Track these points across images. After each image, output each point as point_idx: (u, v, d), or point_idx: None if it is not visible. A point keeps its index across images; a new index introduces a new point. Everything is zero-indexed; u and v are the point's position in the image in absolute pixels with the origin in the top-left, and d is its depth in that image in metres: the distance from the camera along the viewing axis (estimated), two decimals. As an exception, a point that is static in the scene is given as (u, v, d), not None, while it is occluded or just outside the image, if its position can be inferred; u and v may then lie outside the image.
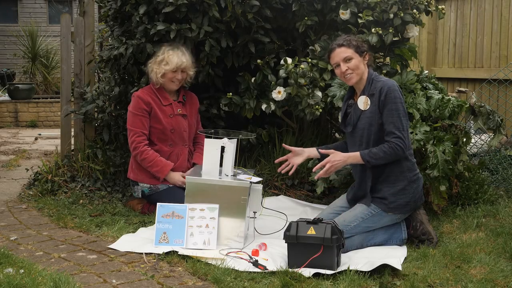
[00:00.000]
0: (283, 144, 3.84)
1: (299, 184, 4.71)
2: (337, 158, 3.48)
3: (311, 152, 3.75)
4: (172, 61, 4.11)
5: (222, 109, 4.66)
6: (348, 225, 3.45)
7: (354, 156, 3.48)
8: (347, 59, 3.53)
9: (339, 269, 3.09)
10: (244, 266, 3.14)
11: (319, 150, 3.72)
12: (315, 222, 3.16)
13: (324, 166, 3.47)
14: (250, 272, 3.07)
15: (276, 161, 3.87)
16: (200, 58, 4.36)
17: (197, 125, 4.38)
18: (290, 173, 3.77)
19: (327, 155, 3.53)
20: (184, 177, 4.02)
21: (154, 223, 3.62)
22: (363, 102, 3.52)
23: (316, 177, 3.60)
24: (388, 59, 4.42)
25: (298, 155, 3.75)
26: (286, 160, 3.80)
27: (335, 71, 3.62)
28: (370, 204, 3.50)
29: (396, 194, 3.48)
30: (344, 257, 3.28)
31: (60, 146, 5.32)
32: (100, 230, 3.81)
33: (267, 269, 3.09)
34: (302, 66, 4.22)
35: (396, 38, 4.33)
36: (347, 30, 4.30)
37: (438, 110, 4.11)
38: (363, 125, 3.51)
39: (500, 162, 4.98)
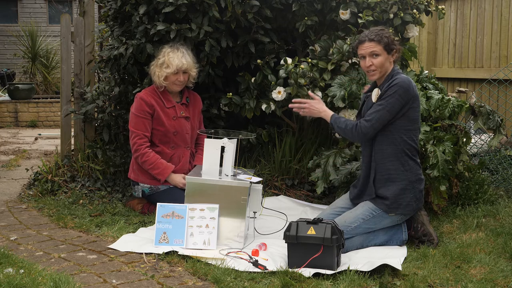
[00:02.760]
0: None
1: (299, 184, 4.71)
2: (317, 105, 3.67)
3: (326, 116, 3.68)
4: (172, 64, 4.09)
5: (222, 109, 4.66)
6: (349, 226, 3.44)
7: (326, 113, 3.63)
8: (374, 54, 3.50)
9: (339, 269, 3.10)
10: (244, 266, 3.14)
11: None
12: (315, 222, 3.16)
13: (302, 102, 3.68)
14: (250, 272, 3.07)
15: (294, 100, 3.80)
16: (200, 58, 4.36)
17: (199, 125, 4.37)
18: (301, 112, 3.75)
19: None
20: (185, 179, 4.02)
21: (154, 223, 3.62)
22: (375, 95, 3.52)
23: (290, 105, 3.76)
24: (388, 59, 4.42)
25: (318, 103, 3.71)
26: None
27: (360, 62, 3.59)
28: (374, 195, 3.50)
29: (397, 194, 3.47)
30: (344, 257, 3.28)
31: (60, 146, 5.32)
32: (100, 230, 3.81)
33: (267, 269, 3.09)
34: (302, 66, 4.22)
35: (396, 38, 4.32)
36: (347, 30, 4.30)
37: (438, 110, 4.11)
38: None
39: (500, 162, 4.98)
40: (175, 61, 4.09)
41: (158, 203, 3.56)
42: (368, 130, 3.44)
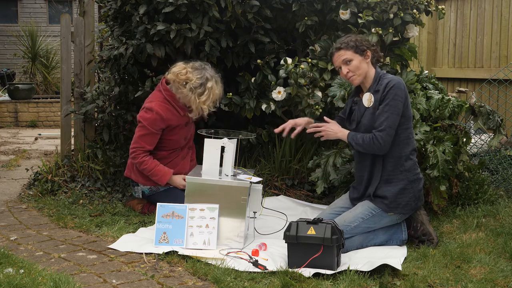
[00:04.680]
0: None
1: (299, 184, 4.71)
2: (333, 127, 3.61)
3: (343, 136, 3.61)
4: (219, 99, 4.12)
5: (221, 108, 4.66)
6: (349, 225, 3.45)
7: (343, 133, 3.58)
8: (346, 61, 3.53)
9: (339, 269, 3.10)
10: (244, 266, 3.14)
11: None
12: (315, 222, 3.16)
13: (319, 127, 3.63)
14: (250, 272, 3.07)
15: (311, 125, 3.75)
16: (200, 58, 4.36)
17: None
18: (292, 135, 3.75)
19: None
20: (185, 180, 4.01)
21: (154, 223, 3.62)
22: (367, 99, 3.52)
23: (308, 131, 3.73)
24: (388, 59, 4.42)
25: (333, 125, 3.67)
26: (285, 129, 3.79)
27: (340, 73, 3.63)
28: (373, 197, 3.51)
29: (396, 194, 3.48)
30: (344, 257, 3.28)
31: (60, 146, 5.32)
32: (100, 230, 3.82)
33: (267, 269, 3.09)
34: (302, 66, 4.22)
35: (396, 38, 4.33)
36: (347, 30, 4.30)
37: (438, 110, 4.11)
38: (367, 122, 3.51)
39: (500, 162, 4.98)
40: (220, 95, 4.11)
41: (158, 203, 3.56)
42: (385, 140, 3.42)
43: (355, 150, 3.58)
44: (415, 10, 4.22)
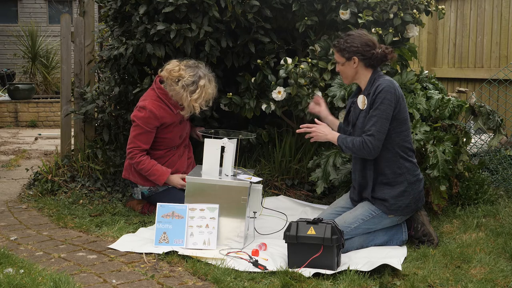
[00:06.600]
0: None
1: (299, 184, 4.71)
2: (323, 129, 3.61)
3: (333, 138, 3.58)
4: (212, 98, 4.11)
5: (219, 108, 4.65)
6: (349, 226, 3.44)
7: (333, 136, 3.58)
8: (337, 62, 3.59)
9: (339, 269, 3.10)
10: (244, 266, 3.14)
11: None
12: (315, 222, 3.16)
13: (309, 128, 3.62)
14: (250, 272, 3.07)
15: (302, 126, 3.72)
16: (200, 58, 4.36)
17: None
18: (308, 136, 3.71)
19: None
20: (183, 179, 4.01)
21: (154, 223, 3.62)
22: (361, 101, 3.53)
23: (298, 131, 3.71)
24: (388, 59, 4.42)
25: (324, 128, 3.65)
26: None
27: None
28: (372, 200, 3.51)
29: (397, 196, 3.47)
30: (344, 257, 3.28)
31: (60, 146, 5.32)
32: (100, 230, 3.82)
33: (267, 269, 3.10)
34: (302, 66, 4.22)
35: (396, 38, 4.33)
36: (347, 30, 4.29)
37: (438, 110, 4.11)
38: (361, 124, 3.50)
39: (500, 162, 4.98)
40: (213, 94, 4.10)
41: (158, 203, 3.56)
42: (374, 144, 3.40)
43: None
44: (415, 10, 4.22)
